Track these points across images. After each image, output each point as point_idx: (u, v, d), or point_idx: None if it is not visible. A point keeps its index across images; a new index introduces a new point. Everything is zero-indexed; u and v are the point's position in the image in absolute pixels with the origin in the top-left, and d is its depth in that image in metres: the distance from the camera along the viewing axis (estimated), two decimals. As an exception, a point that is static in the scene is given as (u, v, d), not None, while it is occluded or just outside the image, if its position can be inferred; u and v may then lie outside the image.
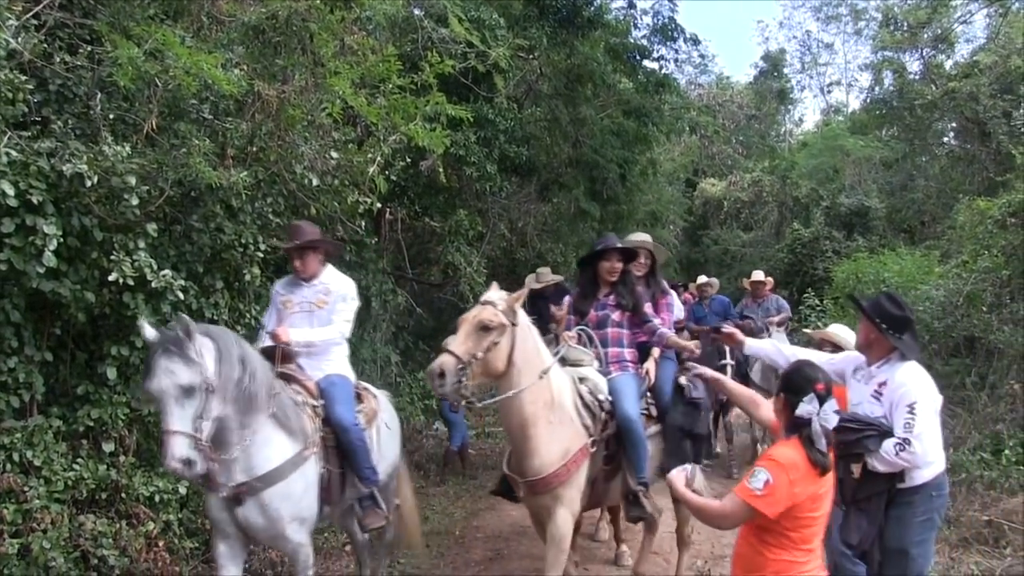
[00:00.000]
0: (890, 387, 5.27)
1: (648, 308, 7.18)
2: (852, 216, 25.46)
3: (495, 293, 5.92)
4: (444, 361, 5.44)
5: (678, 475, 4.58)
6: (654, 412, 7.00)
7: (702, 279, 14.35)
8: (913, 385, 5.19)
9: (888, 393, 5.27)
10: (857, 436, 5.13)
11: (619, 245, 7.18)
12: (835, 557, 5.61)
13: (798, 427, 4.19)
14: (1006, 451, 9.39)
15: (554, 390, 6.11)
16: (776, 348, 6.43)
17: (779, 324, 13.00)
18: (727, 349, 11.43)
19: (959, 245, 15.51)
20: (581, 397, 6.40)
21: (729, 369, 11.34)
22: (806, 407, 4.15)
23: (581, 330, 6.98)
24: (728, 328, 6.89)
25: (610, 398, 6.56)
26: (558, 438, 6.05)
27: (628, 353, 7.03)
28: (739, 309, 13.63)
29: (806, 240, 24.78)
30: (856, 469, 5.40)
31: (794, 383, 4.31)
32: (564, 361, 6.61)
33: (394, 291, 12.36)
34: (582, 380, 6.57)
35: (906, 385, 5.19)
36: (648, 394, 7.03)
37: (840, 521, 5.47)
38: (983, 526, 8.23)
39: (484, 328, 5.62)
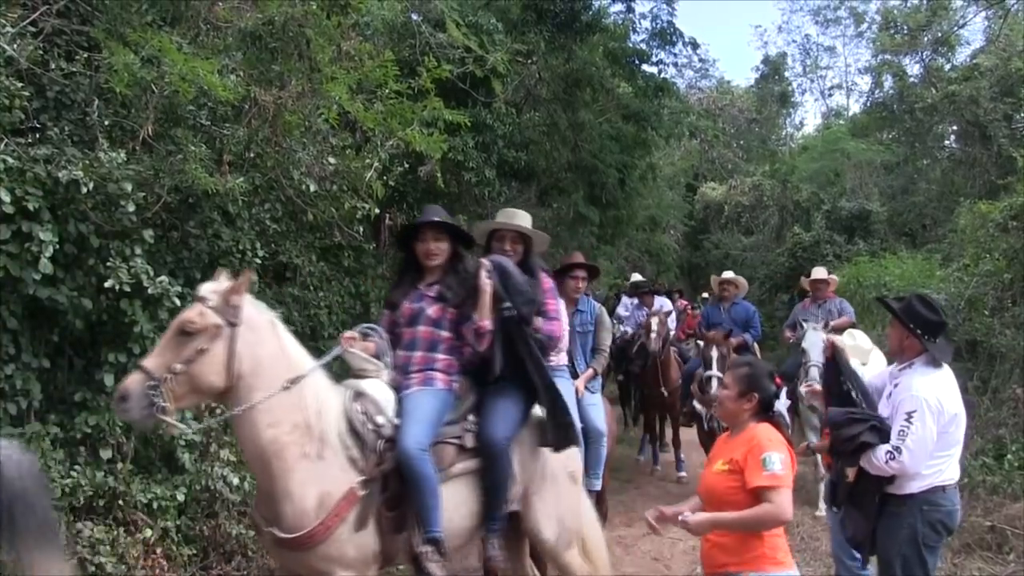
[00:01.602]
0: (899, 390, 5.21)
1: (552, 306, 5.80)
2: (853, 220, 25.39)
3: (210, 285, 4.72)
4: (129, 381, 4.43)
5: (690, 517, 4.34)
6: (469, 442, 5.29)
7: (727, 275, 12.43)
8: (921, 393, 5.06)
9: (895, 396, 5.22)
10: (860, 428, 5.07)
11: (437, 219, 5.55)
12: (837, 566, 5.62)
13: (767, 411, 4.52)
14: (1009, 456, 9.38)
15: (310, 410, 4.81)
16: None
17: (843, 328, 10.27)
18: (712, 357, 10.22)
19: (960, 249, 15.51)
20: (350, 420, 4.96)
21: (715, 381, 9.85)
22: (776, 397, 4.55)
23: (369, 328, 5.54)
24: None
25: (396, 421, 5.07)
26: (315, 477, 4.73)
27: (441, 361, 5.40)
28: (795, 314, 11.75)
29: (807, 244, 24.69)
30: (851, 473, 5.34)
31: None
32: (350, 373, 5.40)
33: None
34: (358, 397, 5.11)
35: (912, 391, 5.08)
36: (470, 418, 5.41)
37: (834, 525, 5.57)
38: (986, 531, 8.20)
39: (184, 333, 4.50)
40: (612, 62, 15.25)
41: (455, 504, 5.17)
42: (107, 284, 6.10)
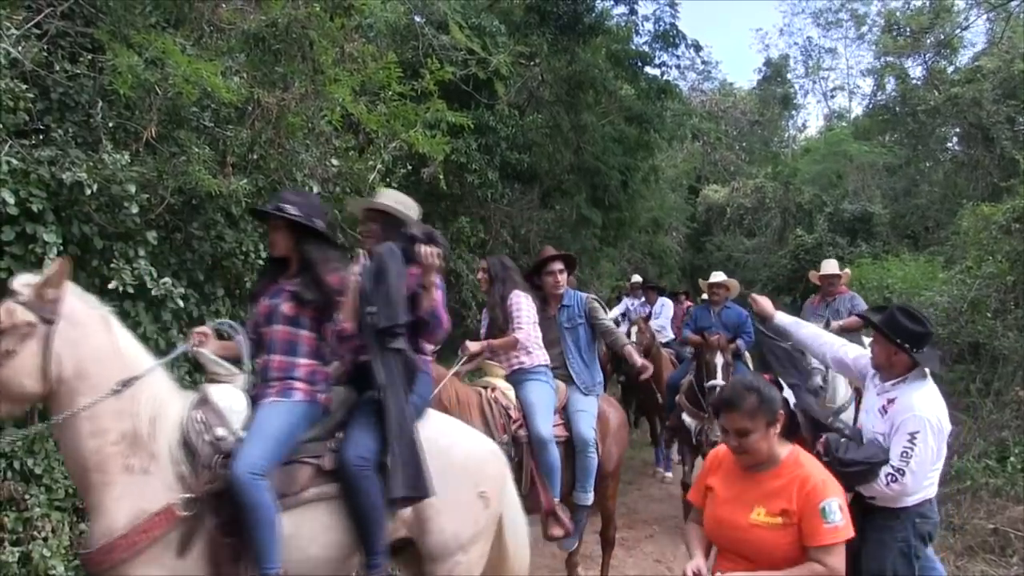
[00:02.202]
0: (897, 407, 4.98)
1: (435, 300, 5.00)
2: (855, 222, 25.40)
3: (24, 277, 4.10)
4: None
5: None
6: (328, 463, 4.61)
7: (716, 276, 11.31)
8: (922, 412, 4.86)
9: (893, 413, 4.99)
10: (864, 474, 4.86)
11: (283, 206, 4.91)
12: None
13: (794, 427, 4.17)
14: (1011, 458, 9.34)
15: (142, 417, 4.21)
16: (814, 332, 5.94)
17: (855, 329, 9.69)
18: (717, 365, 9.35)
19: (963, 251, 15.51)
20: (185, 431, 4.31)
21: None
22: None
23: (227, 325, 4.96)
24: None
25: (242, 434, 4.41)
26: (134, 492, 4.10)
27: (303, 368, 4.75)
28: (805, 312, 10.52)
29: (809, 246, 24.70)
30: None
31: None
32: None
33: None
34: (200, 404, 4.48)
35: (913, 411, 4.87)
36: (338, 435, 4.76)
37: None
38: (989, 534, 8.19)
39: None
40: (615, 64, 15.29)
41: (311, 534, 4.52)
42: (111, 285, 6.08)
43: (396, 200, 5.54)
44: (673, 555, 8.52)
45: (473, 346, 6.86)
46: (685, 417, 9.90)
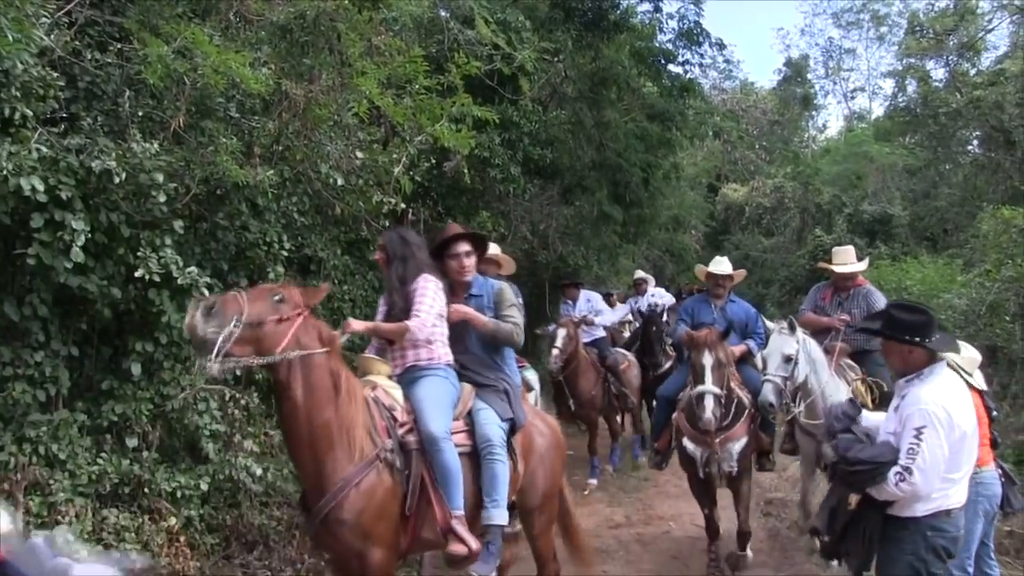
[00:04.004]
0: (906, 402, 4.74)
1: None
2: (875, 223, 25.38)
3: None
4: None
5: None
6: None
7: (720, 264, 9.18)
8: (929, 407, 4.59)
9: (902, 409, 4.76)
10: (870, 473, 4.66)
11: None
12: None
13: None
14: (1029, 461, 9.33)
15: None
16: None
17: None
18: (705, 366, 7.61)
19: (982, 254, 15.49)
20: None
21: (710, 400, 7.53)
22: None
23: None
24: None
25: None
26: None
27: None
28: (813, 299, 9.03)
29: (828, 247, 24.49)
30: (853, 500, 5.03)
31: None
32: None
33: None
34: None
35: (919, 405, 4.63)
36: None
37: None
38: (1004, 536, 8.17)
39: None
40: (638, 61, 15.29)
41: None
42: (137, 274, 6.14)
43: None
44: (690, 551, 8.52)
45: (357, 324, 5.70)
46: (686, 443, 8.02)
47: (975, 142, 27.52)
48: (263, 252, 7.72)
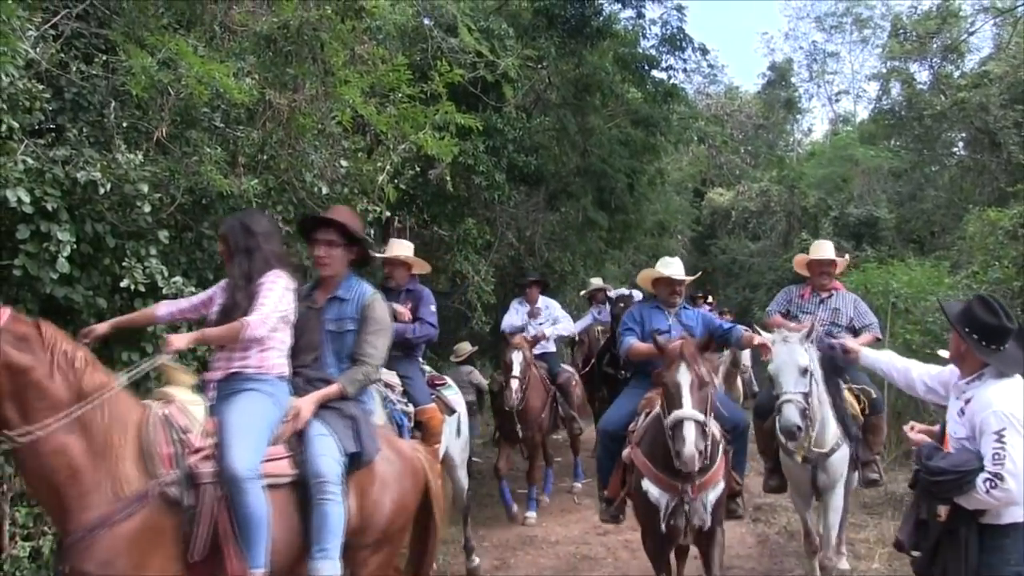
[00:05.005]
0: (973, 407, 4.52)
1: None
2: (861, 226, 25.44)
3: None
4: None
5: None
6: None
7: (670, 266, 7.66)
8: (1006, 408, 4.37)
9: (970, 414, 4.53)
10: (956, 482, 4.40)
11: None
12: None
13: None
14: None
15: None
16: (890, 361, 5.45)
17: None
18: (682, 384, 5.85)
19: (969, 256, 15.58)
20: None
21: (691, 428, 5.64)
22: None
23: None
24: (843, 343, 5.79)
25: None
26: None
27: None
28: (788, 300, 8.41)
29: (814, 250, 24.67)
30: (943, 511, 4.56)
31: None
32: None
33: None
34: None
35: (992, 408, 4.41)
36: None
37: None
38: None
39: None
40: (622, 67, 15.29)
41: None
42: (122, 284, 6.16)
43: None
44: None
45: (179, 340, 4.72)
46: (648, 487, 6.25)
47: (960, 144, 27.65)
48: (248, 262, 7.72)
